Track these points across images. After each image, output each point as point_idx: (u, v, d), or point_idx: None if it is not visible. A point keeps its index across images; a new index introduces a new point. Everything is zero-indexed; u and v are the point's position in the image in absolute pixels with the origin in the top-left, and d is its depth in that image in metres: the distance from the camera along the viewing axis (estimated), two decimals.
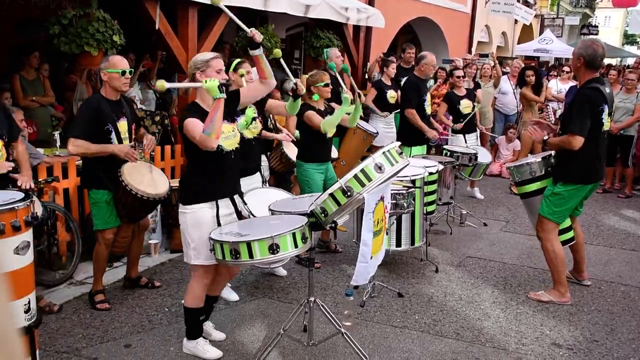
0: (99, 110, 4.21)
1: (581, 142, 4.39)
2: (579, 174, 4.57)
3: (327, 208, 3.33)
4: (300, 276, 5.18)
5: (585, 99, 4.44)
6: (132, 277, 4.87)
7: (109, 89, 4.29)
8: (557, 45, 19.52)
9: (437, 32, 14.69)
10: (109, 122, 4.24)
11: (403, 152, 3.55)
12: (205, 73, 3.51)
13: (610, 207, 8.24)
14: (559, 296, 4.79)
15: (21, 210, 3.03)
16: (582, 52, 4.47)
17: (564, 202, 4.62)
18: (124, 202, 4.30)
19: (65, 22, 5.29)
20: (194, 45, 6.24)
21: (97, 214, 4.38)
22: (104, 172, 4.25)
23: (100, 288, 4.55)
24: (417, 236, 5.23)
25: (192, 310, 3.73)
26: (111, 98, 4.31)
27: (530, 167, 4.88)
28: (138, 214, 4.51)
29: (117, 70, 4.23)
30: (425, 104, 6.98)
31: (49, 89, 6.76)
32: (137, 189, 4.22)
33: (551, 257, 4.77)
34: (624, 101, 8.60)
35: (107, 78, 4.24)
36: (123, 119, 4.36)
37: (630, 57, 26.05)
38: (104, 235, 4.41)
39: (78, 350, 3.84)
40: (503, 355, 3.95)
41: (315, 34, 9.29)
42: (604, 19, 47.38)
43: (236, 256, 3.25)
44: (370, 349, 3.94)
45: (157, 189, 4.40)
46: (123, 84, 4.28)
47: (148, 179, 4.40)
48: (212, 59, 3.54)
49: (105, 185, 4.29)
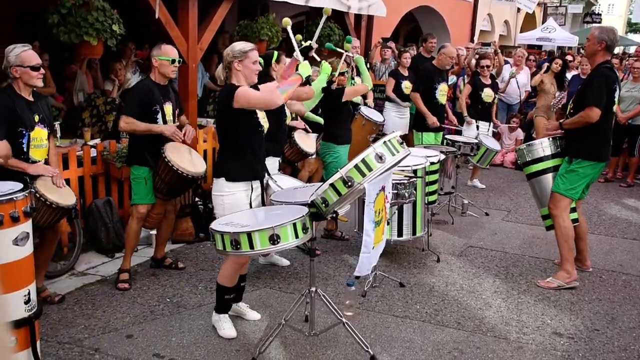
0: (149, 93, 4.54)
1: (598, 115, 4.60)
2: (596, 151, 4.77)
3: (328, 198, 3.32)
4: (301, 266, 5.19)
5: (603, 76, 4.66)
6: (157, 257, 5.09)
7: (158, 75, 4.61)
8: (560, 34, 19.39)
9: (439, 21, 14.60)
10: (157, 104, 4.56)
11: (405, 141, 3.58)
12: (242, 63, 3.74)
13: (612, 196, 8.23)
14: (567, 277, 4.86)
15: (20, 201, 3.03)
16: (604, 37, 4.68)
17: (580, 179, 4.79)
18: (164, 178, 4.58)
19: (65, 11, 5.25)
20: (194, 34, 6.20)
21: (135, 190, 4.70)
22: (147, 150, 4.57)
23: (127, 267, 4.77)
24: (418, 226, 5.22)
25: (221, 288, 3.89)
26: (160, 83, 4.62)
27: (541, 145, 5.07)
28: (176, 190, 4.80)
29: (168, 58, 4.56)
30: (437, 93, 7.05)
31: (49, 79, 6.72)
32: (178, 166, 4.52)
33: (563, 233, 4.87)
34: (631, 90, 8.56)
35: (158, 64, 4.56)
36: (169, 103, 4.68)
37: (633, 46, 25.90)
38: (138, 209, 4.69)
39: (80, 341, 3.84)
40: (504, 344, 3.95)
41: (317, 23, 9.22)
42: (607, 7, 47.06)
43: (237, 247, 3.25)
44: (371, 338, 3.94)
45: (196, 168, 4.70)
46: (172, 71, 4.62)
47: (188, 159, 4.69)
48: (250, 50, 3.76)
49: (148, 163, 4.60)
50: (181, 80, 6.41)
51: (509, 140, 10.19)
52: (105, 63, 7.16)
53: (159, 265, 5.07)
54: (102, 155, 5.46)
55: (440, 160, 5.68)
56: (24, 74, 3.81)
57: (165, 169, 4.54)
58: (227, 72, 3.80)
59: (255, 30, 7.67)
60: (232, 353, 3.75)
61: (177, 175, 4.54)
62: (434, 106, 7.09)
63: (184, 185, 4.82)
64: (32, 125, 3.91)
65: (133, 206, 4.74)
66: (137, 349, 3.78)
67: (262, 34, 7.68)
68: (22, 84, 3.85)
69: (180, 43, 6.08)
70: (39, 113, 3.98)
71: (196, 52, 6.29)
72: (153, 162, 4.59)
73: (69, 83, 7.09)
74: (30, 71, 3.81)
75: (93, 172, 5.42)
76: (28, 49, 3.86)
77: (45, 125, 4.04)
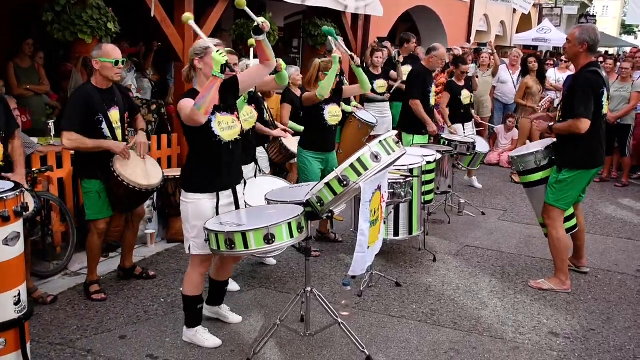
0: (88, 100, 4.16)
1: (588, 125, 4.42)
2: (584, 159, 4.59)
3: (324, 197, 3.30)
4: (297, 266, 5.16)
5: (587, 83, 4.47)
6: (126, 266, 4.83)
7: (99, 78, 4.24)
8: (555, 35, 19.41)
9: (436, 21, 14.61)
10: (99, 112, 4.20)
11: (400, 141, 3.54)
12: (203, 60, 3.50)
13: (607, 196, 8.23)
14: (560, 284, 4.79)
15: (10, 201, 2.98)
16: (585, 38, 4.48)
17: (570, 188, 4.63)
18: (116, 192, 4.28)
19: (59, 8, 5.21)
20: (190, 32, 6.17)
21: (88, 204, 4.35)
22: (96, 163, 4.23)
23: (95, 278, 4.52)
24: (415, 225, 5.20)
25: (191, 299, 3.73)
26: (102, 87, 4.26)
27: (535, 157, 4.87)
28: (130, 204, 4.50)
29: (110, 60, 4.18)
30: (430, 95, 6.94)
31: (43, 77, 6.70)
32: (129, 180, 4.21)
33: (555, 245, 4.77)
34: (619, 90, 8.58)
35: (99, 67, 4.19)
36: (115, 108, 4.32)
37: (627, 47, 25.96)
38: (97, 225, 4.38)
39: (72, 342, 3.80)
40: (500, 344, 3.94)
41: (314, 22, 9.21)
42: (601, 8, 47.16)
43: (231, 246, 3.22)
44: (367, 339, 3.92)
45: (150, 180, 4.39)
46: (115, 74, 4.23)
47: (141, 170, 4.38)
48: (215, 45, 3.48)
49: (98, 176, 4.27)
50: (177, 79, 6.39)
51: (505, 140, 10.19)
52: None
53: (129, 276, 4.80)
54: None
55: (436, 160, 5.66)
56: None
57: (116, 183, 4.22)
58: (191, 71, 3.57)
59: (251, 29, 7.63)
60: (226, 354, 3.72)
61: (129, 190, 4.24)
62: (429, 110, 6.90)
63: (139, 199, 4.51)
64: None
65: (90, 222, 4.38)
66: (130, 350, 3.74)
67: None
68: None
69: (176, 41, 6.06)
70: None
71: None
72: (104, 177, 4.26)
73: (64, 81, 7.05)
74: None
75: None
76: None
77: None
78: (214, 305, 4.09)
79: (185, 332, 3.83)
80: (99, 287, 4.48)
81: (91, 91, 4.21)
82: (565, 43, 4.68)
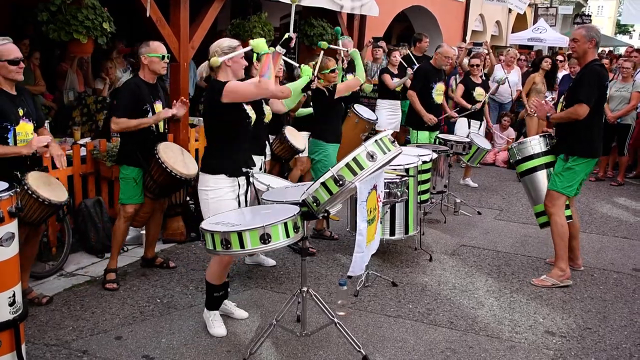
0: (138, 91, 4.47)
1: (586, 111, 4.62)
2: (590, 148, 4.81)
3: (319, 197, 3.30)
4: (293, 266, 5.15)
5: (596, 73, 4.70)
6: (148, 257, 5.04)
7: (147, 72, 4.54)
8: (550, 34, 19.46)
9: (431, 21, 14.61)
10: (147, 103, 4.50)
11: (404, 140, 3.58)
12: (232, 59, 3.72)
13: (603, 195, 8.25)
14: (561, 275, 4.88)
15: (4, 201, 2.97)
16: (593, 35, 4.75)
17: (576, 176, 4.83)
18: (156, 178, 4.53)
19: (54, 8, 5.19)
20: (185, 33, 6.16)
21: (123, 189, 4.62)
22: (140, 150, 4.51)
23: (114, 267, 4.69)
24: (411, 225, 5.21)
25: (209, 285, 3.90)
26: (149, 81, 4.57)
27: (531, 143, 5.13)
28: (167, 191, 4.77)
29: (158, 55, 4.48)
30: (433, 92, 7.11)
31: (39, 78, 6.67)
32: (172, 167, 4.48)
33: (559, 231, 4.90)
34: (620, 90, 8.59)
35: (147, 62, 4.48)
36: (159, 102, 4.62)
37: (622, 47, 26.01)
38: (126, 209, 4.62)
39: (68, 343, 3.79)
40: (497, 343, 3.94)
41: (309, 22, 9.20)
42: (597, 8, 47.27)
43: (227, 246, 3.22)
44: (364, 338, 3.92)
45: (189, 170, 4.66)
46: (162, 67, 4.54)
47: (180, 160, 4.66)
48: (238, 45, 3.78)
49: (138, 163, 4.54)
50: (173, 79, 6.37)
51: (500, 139, 10.21)
52: (96, 61, 7.10)
53: (150, 265, 5.02)
54: (92, 155, 5.41)
55: (432, 159, 5.67)
56: (1, 68, 3.73)
57: (157, 169, 4.49)
58: (215, 69, 3.78)
59: (247, 29, 7.63)
60: (222, 354, 3.72)
61: (169, 176, 4.50)
62: (430, 105, 7.15)
63: (175, 187, 4.81)
64: (17, 120, 3.83)
65: (121, 205, 4.67)
66: (126, 351, 3.73)
67: (254, 32, 7.63)
68: (2, 78, 3.77)
69: (172, 42, 6.04)
70: (23, 107, 3.90)
71: (188, 51, 6.24)
72: (145, 162, 4.53)
73: (60, 81, 7.04)
74: (8, 65, 3.73)
75: (83, 171, 5.38)
76: (7, 42, 3.78)
77: (31, 119, 3.95)
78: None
79: (205, 311, 4.01)
80: (115, 276, 4.66)
81: (140, 84, 4.52)
82: (571, 42, 4.90)
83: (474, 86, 8.04)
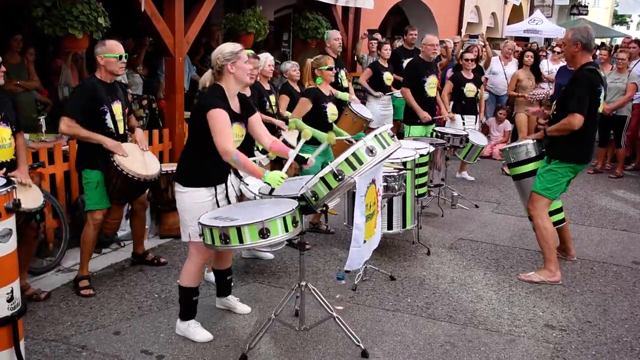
0: (94, 91, 4.31)
1: (581, 121, 4.47)
2: (576, 154, 4.67)
3: (318, 191, 3.29)
4: (291, 260, 5.14)
5: (586, 79, 4.53)
6: (139, 253, 4.99)
7: (104, 72, 4.38)
8: (547, 26, 19.44)
9: (426, 13, 14.58)
10: (104, 104, 4.34)
11: (396, 134, 3.54)
12: (235, 64, 3.58)
13: (601, 187, 8.25)
14: (550, 275, 4.81)
15: (1, 197, 2.94)
16: (578, 38, 4.55)
17: (558, 179, 4.71)
18: (115, 182, 4.37)
19: (49, 4, 5.16)
20: (180, 27, 6.12)
21: (88, 194, 4.44)
22: (98, 153, 4.33)
23: (86, 274, 4.55)
24: (408, 219, 5.19)
25: (186, 290, 3.76)
26: (106, 81, 4.41)
27: (526, 148, 5.01)
28: (128, 195, 4.58)
29: (114, 55, 4.33)
30: (426, 86, 6.96)
31: (33, 73, 6.63)
32: (128, 170, 4.31)
33: (542, 234, 4.81)
34: (615, 81, 8.57)
35: (104, 62, 4.34)
36: (117, 102, 4.46)
37: (619, 37, 26.01)
38: (94, 216, 4.45)
39: (66, 338, 3.78)
40: (496, 337, 3.94)
41: (304, 15, 9.17)
42: None
43: (226, 241, 3.20)
44: (362, 333, 3.91)
45: (148, 171, 4.49)
46: (119, 68, 4.39)
47: (140, 161, 4.48)
48: (240, 50, 3.62)
49: (98, 166, 4.37)
50: (168, 74, 6.35)
51: (496, 132, 10.19)
52: (90, 57, 7.05)
53: (141, 261, 4.98)
54: None
55: (429, 153, 5.65)
56: None
57: (115, 173, 4.32)
58: (217, 75, 3.64)
59: (242, 23, 7.60)
60: (221, 349, 3.71)
61: (128, 179, 4.34)
62: (424, 100, 6.98)
63: (138, 189, 4.60)
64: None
65: (87, 213, 4.48)
66: (125, 346, 3.72)
67: (249, 26, 7.61)
68: None
69: (167, 36, 6.01)
70: (1, 111, 3.75)
71: (182, 46, 6.21)
72: (104, 167, 4.35)
73: (54, 77, 6.99)
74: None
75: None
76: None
77: (8, 124, 3.78)
78: (223, 297, 4.18)
79: (179, 324, 3.85)
80: (89, 282, 4.50)
81: (97, 83, 4.36)
82: (562, 46, 4.72)
83: (465, 82, 7.81)
